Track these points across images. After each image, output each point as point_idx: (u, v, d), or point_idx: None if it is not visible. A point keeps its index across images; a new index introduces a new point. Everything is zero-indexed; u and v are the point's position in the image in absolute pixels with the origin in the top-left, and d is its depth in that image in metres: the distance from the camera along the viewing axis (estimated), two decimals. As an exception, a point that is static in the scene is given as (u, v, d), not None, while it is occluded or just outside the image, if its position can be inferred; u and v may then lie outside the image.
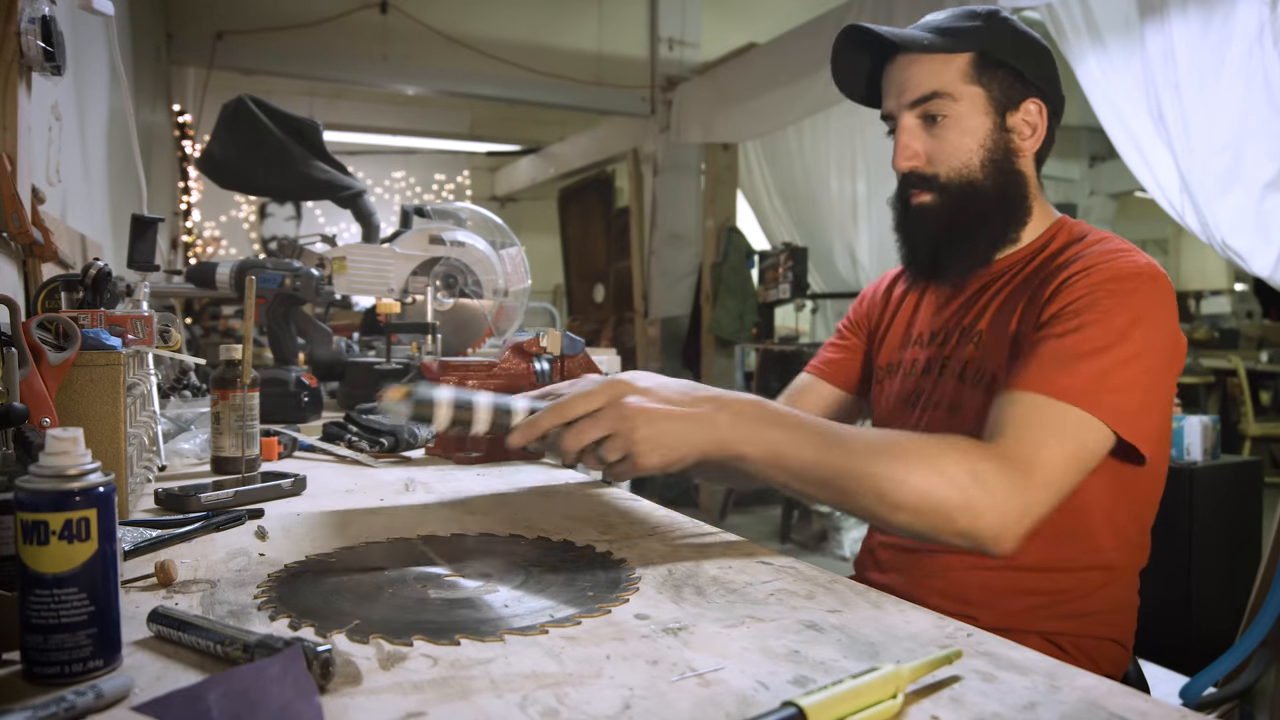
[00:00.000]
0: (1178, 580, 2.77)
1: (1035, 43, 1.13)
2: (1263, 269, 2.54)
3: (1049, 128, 1.14)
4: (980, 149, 1.10)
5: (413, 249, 2.14)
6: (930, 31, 1.11)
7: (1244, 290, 8.25)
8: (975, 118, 1.10)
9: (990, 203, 1.11)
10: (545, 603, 0.68)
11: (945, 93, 1.09)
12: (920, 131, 1.12)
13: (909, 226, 1.16)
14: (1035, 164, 1.16)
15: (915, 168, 1.12)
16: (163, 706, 0.47)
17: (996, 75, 1.10)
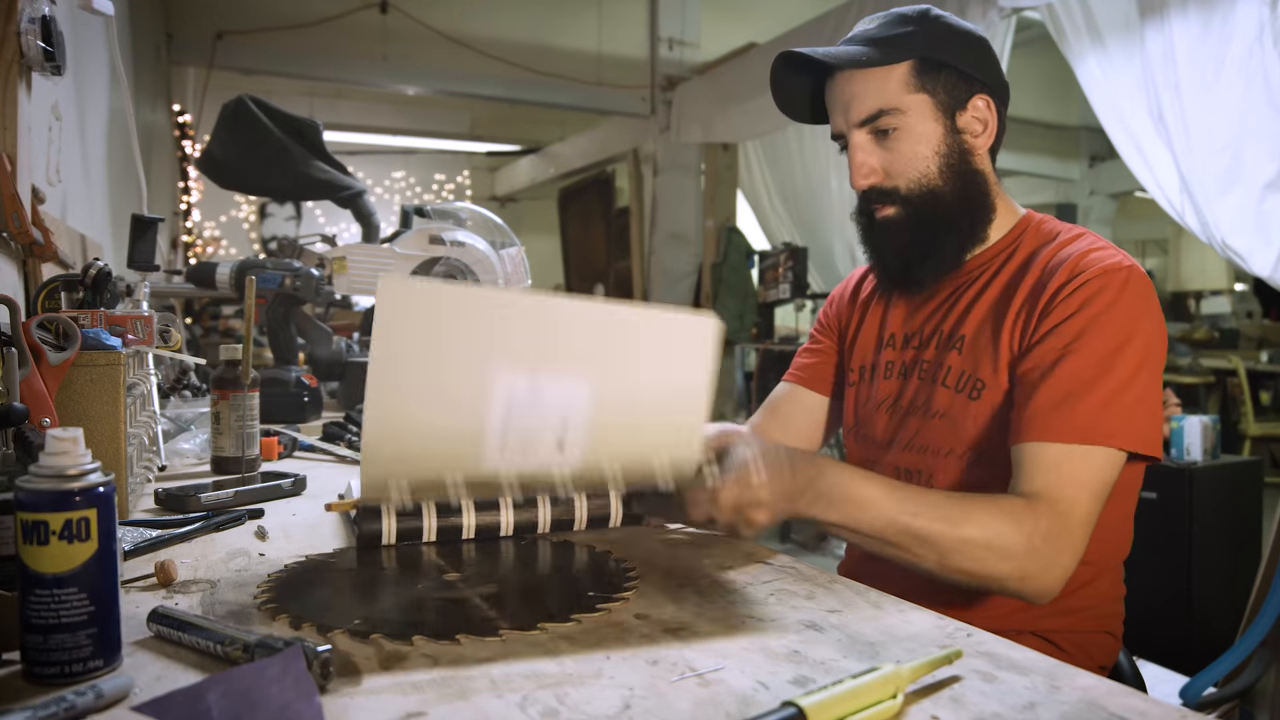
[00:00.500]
0: (1178, 580, 2.77)
1: (972, 36, 1.11)
2: (1263, 269, 2.54)
3: (999, 119, 1.13)
4: (935, 155, 1.09)
5: (413, 249, 2.13)
6: (864, 44, 1.09)
7: (1244, 290, 8.24)
8: (925, 125, 1.09)
9: (953, 207, 1.10)
10: (545, 603, 0.68)
11: (891, 107, 1.08)
12: (873, 147, 1.11)
13: (875, 241, 1.15)
14: (993, 159, 1.16)
15: (875, 183, 1.11)
16: (163, 706, 0.47)
17: (939, 78, 1.08)
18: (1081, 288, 0.99)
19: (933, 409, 1.09)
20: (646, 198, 6.18)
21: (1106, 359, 0.95)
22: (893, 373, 1.18)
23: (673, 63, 5.85)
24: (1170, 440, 2.90)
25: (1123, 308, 0.97)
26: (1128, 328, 0.96)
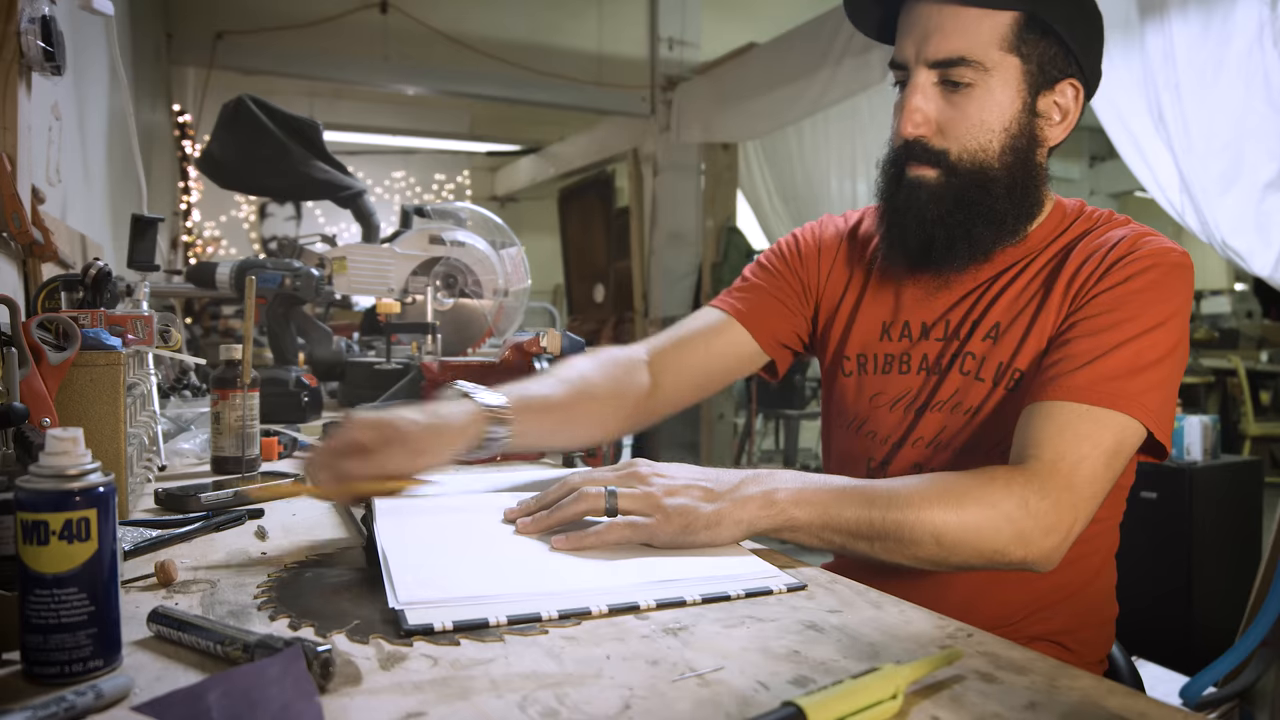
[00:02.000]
0: (1177, 580, 2.77)
1: (1091, 9, 0.97)
2: (1263, 269, 2.54)
3: (1079, 115, 1.00)
4: (1003, 132, 0.96)
5: (413, 249, 2.14)
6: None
7: (1244, 290, 8.24)
8: (1005, 92, 0.94)
9: (1001, 195, 0.97)
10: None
11: (976, 59, 0.93)
12: (936, 94, 0.96)
13: (899, 204, 1.00)
14: (1052, 153, 1.04)
15: (923, 136, 0.97)
16: (163, 706, 0.47)
17: (1039, 45, 0.94)
18: (1133, 264, 0.93)
19: (965, 404, 1.00)
20: (646, 198, 6.18)
21: (1143, 334, 0.89)
22: (911, 367, 1.05)
23: (673, 63, 5.85)
24: (1170, 440, 2.90)
25: (1167, 290, 0.92)
26: (1168, 311, 0.91)
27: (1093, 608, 1.06)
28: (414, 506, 0.86)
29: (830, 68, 4.32)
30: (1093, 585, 1.07)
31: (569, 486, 0.82)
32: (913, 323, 1.07)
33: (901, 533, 0.80)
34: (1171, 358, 0.91)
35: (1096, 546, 1.06)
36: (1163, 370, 0.89)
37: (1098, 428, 0.86)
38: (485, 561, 0.72)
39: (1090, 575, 1.06)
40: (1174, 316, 0.91)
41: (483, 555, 0.74)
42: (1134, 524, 3.01)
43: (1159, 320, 0.90)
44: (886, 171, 1.02)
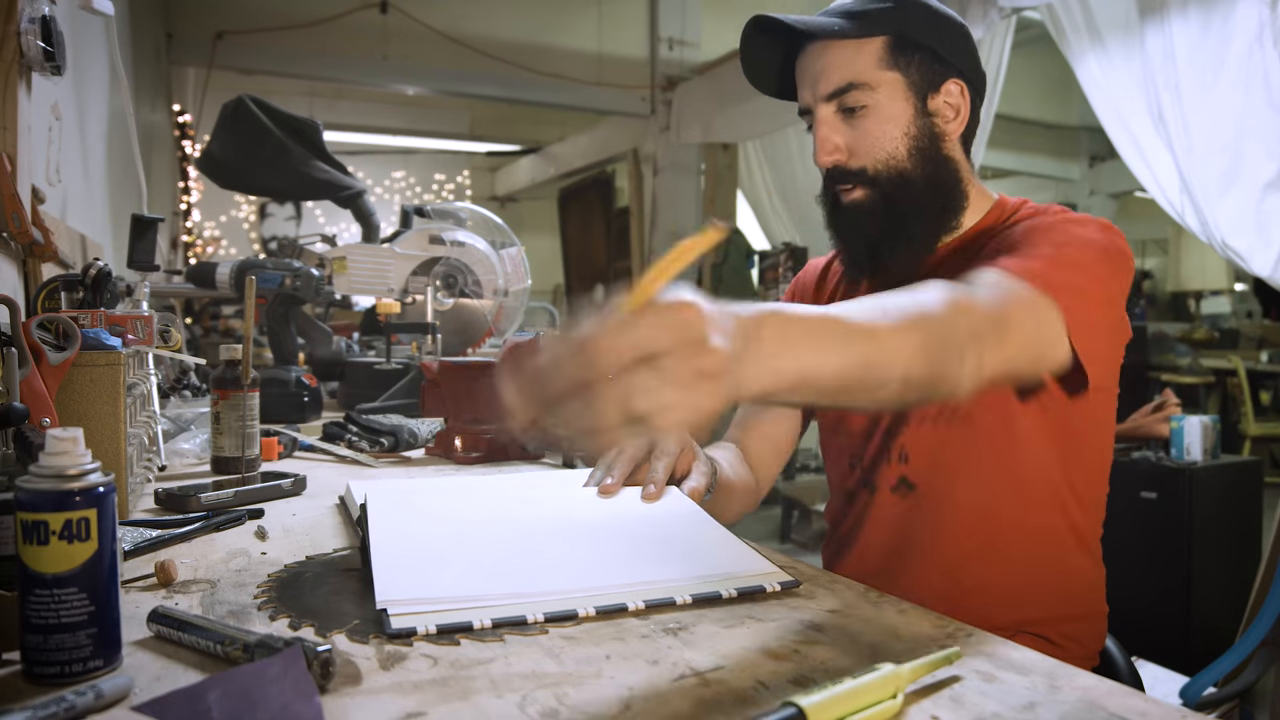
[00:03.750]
0: (1177, 580, 2.77)
1: (952, 21, 1.09)
2: (1263, 269, 2.54)
3: (972, 108, 1.09)
4: (904, 137, 1.05)
5: (413, 249, 2.14)
6: (841, 16, 1.06)
7: (1244, 290, 8.25)
8: (895, 104, 1.05)
9: (922, 192, 1.06)
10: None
11: (861, 82, 1.04)
12: (839, 124, 1.07)
13: (842, 225, 1.11)
14: (965, 148, 1.12)
15: (838, 162, 1.07)
16: (163, 706, 0.47)
17: (914, 58, 1.05)
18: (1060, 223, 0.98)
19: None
20: (646, 198, 6.18)
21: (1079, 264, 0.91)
22: None
23: (673, 63, 5.86)
24: (1170, 440, 2.90)
25: (1105, 247, 0.95)
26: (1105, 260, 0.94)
27: (1071, 594, 1.06)
28: (411, 507, 0.86)
29: (830, 68, 4.32)
30: (1066, 563, 1.06)
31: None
32: None
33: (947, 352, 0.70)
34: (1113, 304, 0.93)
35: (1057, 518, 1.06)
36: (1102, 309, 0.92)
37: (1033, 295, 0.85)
38: (473, 563, 0.72)
39: (1056, 545, 1.06)
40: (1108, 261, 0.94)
41: (472, 557, 0.73)
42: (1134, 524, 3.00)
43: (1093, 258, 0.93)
44: (824, 202, 1.13)
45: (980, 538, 1.04)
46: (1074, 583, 1.07)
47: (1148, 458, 2.88)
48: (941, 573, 1.05)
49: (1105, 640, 1.10)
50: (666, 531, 0.80)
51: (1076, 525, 1.07)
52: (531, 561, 0.73)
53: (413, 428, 1.43)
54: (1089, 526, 1.08)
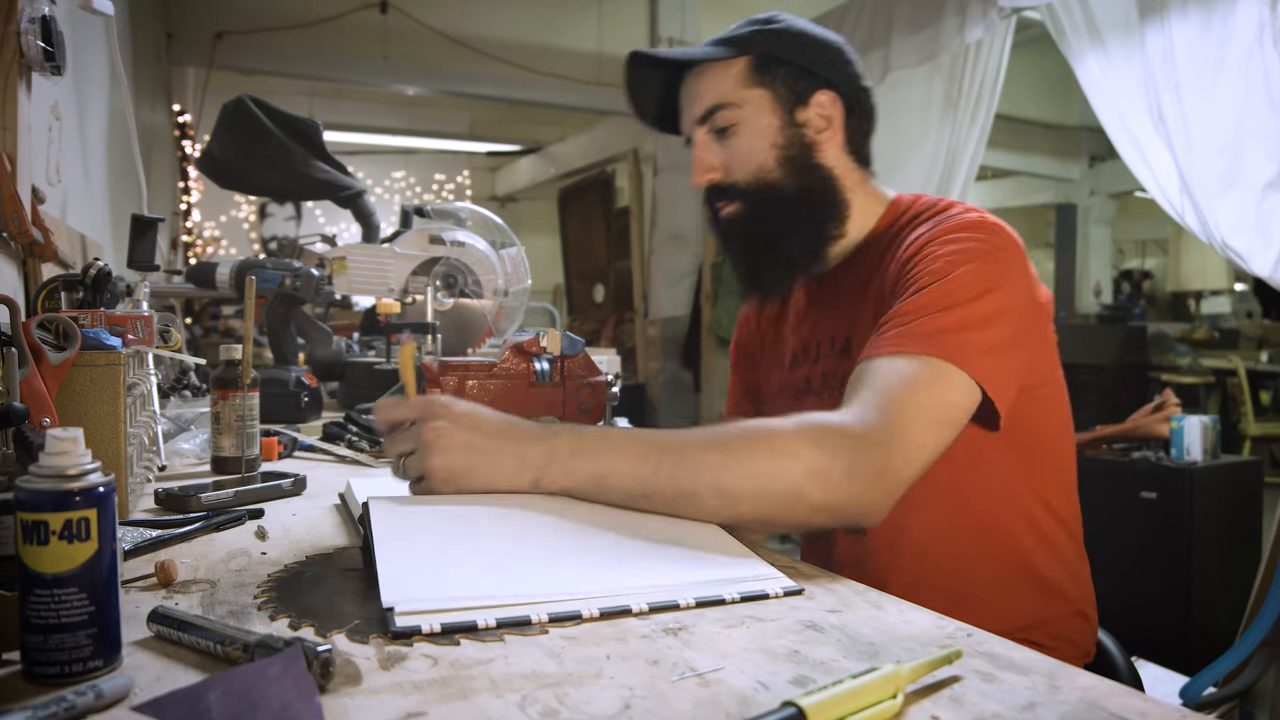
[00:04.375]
0: (1177, 580, 2.77)
1: (819, 37, 1.10)
2: (1263, 269, 2.54)
3: (849, 117, 1.10)
4: (773, 148, 1.08)
5: (413, 249, 2.14)
6: (712, 44, 1.10)
7: (1244, 290, 8.25)
8: (762, 119, 1.07)
9: (794, 202, 1.08)
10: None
11: (728, 102, 1.07)
12: (712, 144, 1.10)
13: (725, 241, 1.14)
14: (853, 157, 1.13)
15: (713, 180, 1.11)
16: (163, 706, 0.47)
17: (778, 74, 1.08)
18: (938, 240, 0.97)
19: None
20: (646, 198, 6.18)
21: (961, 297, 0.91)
22: (791, 391, 1.16)
23: (673, 63, 5.84)
24: (1170, 440, 2.90)
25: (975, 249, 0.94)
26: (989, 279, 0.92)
27: (1050, 597, 1.06)
28: (411, 507, 0.86)
29: (830, 68, 4.32)
30: (1039, 574, 1.06)
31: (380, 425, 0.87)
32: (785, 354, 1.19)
33: (679, 486, 0.78)
34: (1002, 320, 0.91)
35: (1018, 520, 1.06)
36: (992, 333, 0.90)
37: (913, 372, 0.86)
38: (477, 563, 0.72)
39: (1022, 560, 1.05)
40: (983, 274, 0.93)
41: (475, 557, 0.73)
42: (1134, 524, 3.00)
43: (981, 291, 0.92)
44: (706, 220, 1.16)
45: (934, 568, 1.03)
46: (1050, 587, 1.06)
47: (1148, 458, 2.88)
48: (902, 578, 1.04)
49: (1097, 633, 1.10)
50: (672, 536, 0.80)
51: (1047, 534, 1.06)
52: (536, 563, 0.73)
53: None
54: (1061, 529, 1.08)
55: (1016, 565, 1.05)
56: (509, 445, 0.83)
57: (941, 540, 1.02)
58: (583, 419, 1.11)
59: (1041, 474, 1.06)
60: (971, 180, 4.11)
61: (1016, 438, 0.99)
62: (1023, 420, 0.97)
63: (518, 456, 0.82)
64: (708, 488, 0.78)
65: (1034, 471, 1.05)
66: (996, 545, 1.04)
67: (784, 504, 0.78)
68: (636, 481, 0.80)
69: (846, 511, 0.80)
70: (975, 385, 0.87)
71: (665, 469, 0.79)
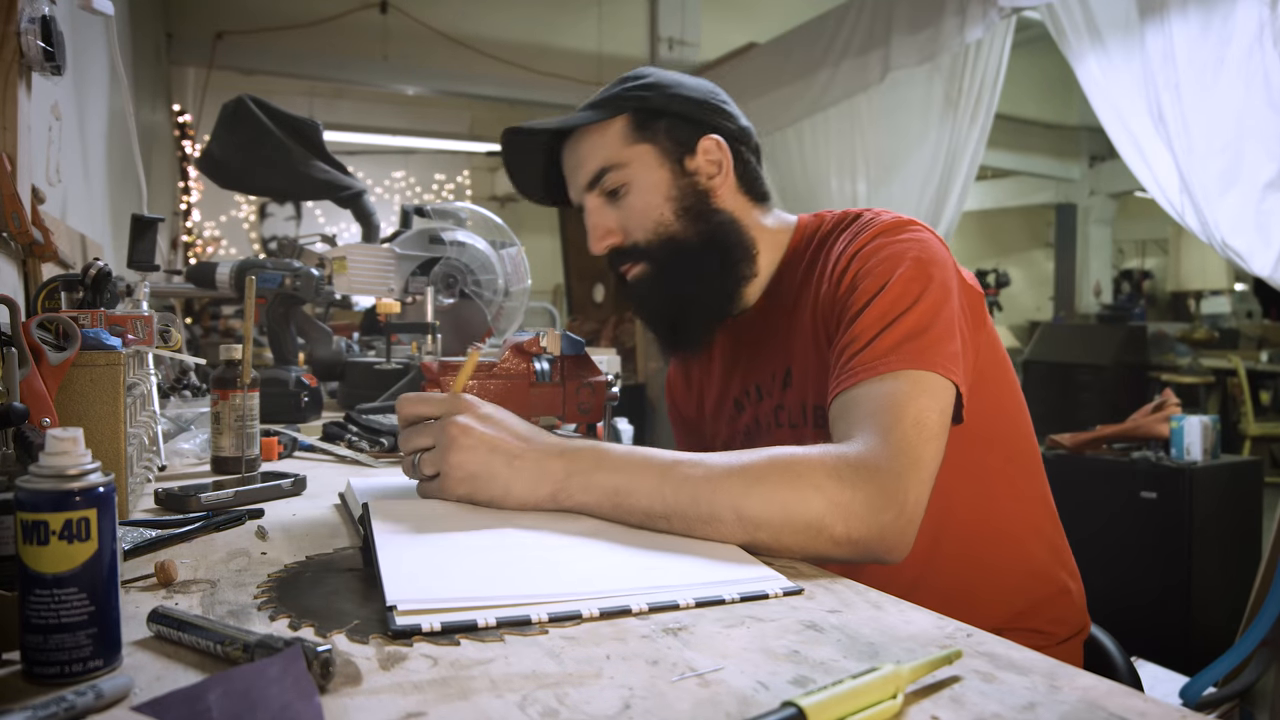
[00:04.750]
0: (1177, 580, 2.77)
1: (689, 87, 1.09)
2: (1263, 269, 2.54)
3: (737, 158, 1.09)
4: (668, 202, 1.05)
5: (413, 249, 2.14)
6: (585, 109, 1.08)
7: (1244, 290, 8.25)
8: (652, 174, 1.05)
9: (699, 253, 1.05)
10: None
11: (614, 163, 1.06)
12: (606, 208, 1.08)
13: (637, 304, 1.11)
14: (749, 195, 1.11)
15: (613, 245, 1.09)
16: (163, 706, 0.47)
17: (659, 126, 1.06)
18: (865, 250, 0.96)
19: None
20: (646, 198, 6.17)
21: (906, 303, 0.90)
22: (739, 442, 1.14)
23: (673, 63, 5.85)
24: (1170, 440, 2.90)
25: (914, 260, 0.94)
26: (923, 277, 0.92)
27: (1031, 580, 1.06)
28: (411, 506, 0.86)
29: (830, 68, 4.33)
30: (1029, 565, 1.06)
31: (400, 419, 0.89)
32: (728, 401, 1.17)
33: (699, 509, 0.78)
34: (943, 313, 0.90)
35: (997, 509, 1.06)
36: (939, 327, 0.89)
37: (894, 392, 0.85)
38: (478, 562, 0.72)
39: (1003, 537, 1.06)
40: (916, 274, 0.92)
41: (476, 556, 0.73)
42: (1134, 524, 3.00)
43: (917, 293, 0.91)
44: (612, 281, 1.16)
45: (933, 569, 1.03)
46: (1033, 569, 1.07)
47: (1148, 458, 2.88)
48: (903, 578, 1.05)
49: (1086, 615, 1.10)
50: (672, 538, 0.80)
51: (1025, 517, 1.07)
52: (536, 564, 0.73)
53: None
54: (1037, 508, 1.08)
55: (1004, 554, 1.05)
56: (531, 454, 0.83)
57: (938, 540, 1.02)
58: (583, 419, 1.11)
59: (1006, 458, 1.06)
60: (971, 180, 4.11)
61: (977, 428, 0.98)
62: (978, 408, 0.96)
63: (538, 466, 0.82)
64: (729, 511, 0.77)
65: (999, 458, 1.05)
66: (984, 537, 1.04)
67: (805, 535, 0.77)
68: (656, 500, 0.79)
69: (869, 546, 0.78)
70: (949, 383, 0.87)
71: (686, 491, 0.78)
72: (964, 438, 0.95)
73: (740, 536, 0.78)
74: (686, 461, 0.81)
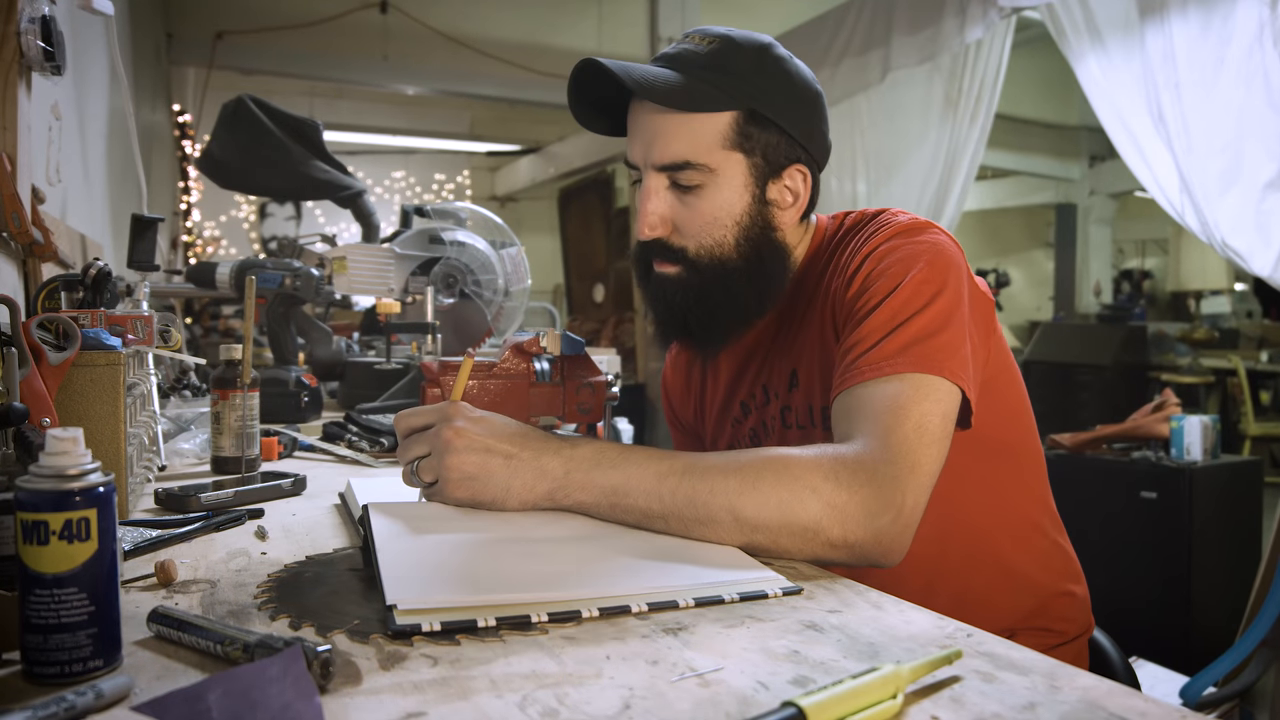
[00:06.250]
0: (1177, 580, 2.77)
1: (808, 90, 1.00)
2: (1263, 269, 2.54)
3: (812, 191, 1.03)
4: (735, 226, 0.98)
5: (413, 249, 2.14)
6: (688, 72, 0.94)
7: (1244, 290, 8.25)
8: (733, 189, 0.97)
9: (741, 283, 1.00)
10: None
11: (700, 163, 0.95)
12: (669, 196, 0.98)
13: (652, 293, 1.04)
14: (805, 218, 1.06)
15: (661, 236, 0.99)
16: (163, 707, 0.47)
17: (761, 138, 0.97)
18: (879, 250, 0.94)
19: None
20: (646, 198, 6.17)
21: (917, 305, 0.88)
22: (745, 444, 1.12)
23: (673, 63, 5.84)
24: (1170, 440, 2.90)
25: (928, 262, 0.91)
26: (937, 280, 0.90)
27: (1035, 575, 1.06)
28: (411, 507, 0.86)
29: (830, 68, 4.32)
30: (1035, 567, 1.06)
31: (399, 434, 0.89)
32: (734, 404, 1.14)
33: (695, 509, 0.77)
34: (954, 321, 0.89)
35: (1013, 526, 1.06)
36: (949, 333, 0.88)
37: (898, 395, 0.83)
38: (477, 562, 0.72)
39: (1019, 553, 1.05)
40: (944, 287, 0.90)
41: (475, 556, 0.73)
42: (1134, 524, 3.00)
43: (916, 284, 0.89)
44: (636, 266, 1.06)
45: (938, 575, 1.02)
46: (1033, 572, 1.06)
47: (1148, 458, 2.88)
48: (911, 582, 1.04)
49: (1091, 614, 1.10)
50: (672, 539, 0.80)
51: (1026, 520, 1.07)
52: (536, 563, 0.73)
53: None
54: (1037, 511, 1.08)
55: (1013, 556, 1.05)
56: (527, 453, 0.83)
57: (946, 547, 1.02)
58: (583, 419, 1.11)
59: (1015, 465, 1.06)
60: (971, 180, 4.11)
61: (986, 434, 0.96)
62: (988, 415, 0.95)
63: (536, 465, 0.82)
64: (724, 512, 0.77)
65: (1008, 463, 1.05)
66: (992, 541, 1.04)
67: (802, 538, 0.76)
68: (653, 500, 0.79)
69: (865, 550, 0.77)
70: (956, 389, 0.86)
71: (684, 490, 0.78)
72: (973, 444, 0.94)
73: (738, 538, 0.77)
74: (684, 461, 0.80)
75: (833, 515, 0.76)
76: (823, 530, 0.76)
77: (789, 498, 0.76)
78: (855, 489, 0.77)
